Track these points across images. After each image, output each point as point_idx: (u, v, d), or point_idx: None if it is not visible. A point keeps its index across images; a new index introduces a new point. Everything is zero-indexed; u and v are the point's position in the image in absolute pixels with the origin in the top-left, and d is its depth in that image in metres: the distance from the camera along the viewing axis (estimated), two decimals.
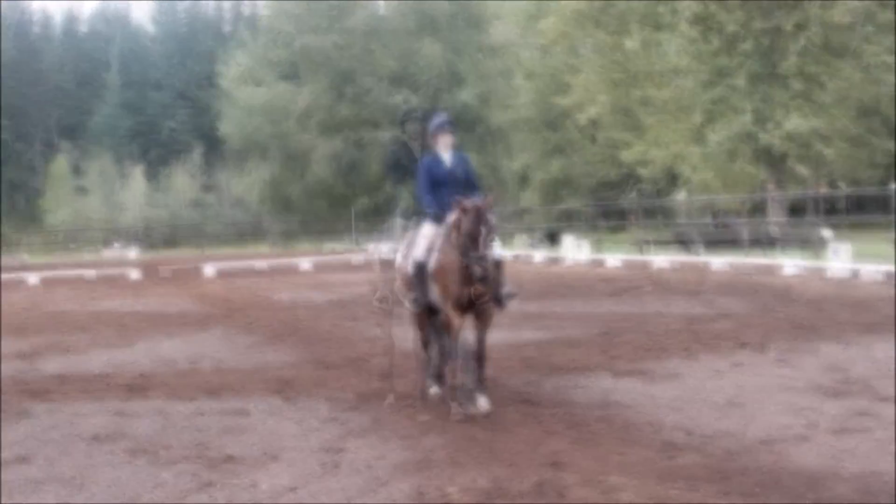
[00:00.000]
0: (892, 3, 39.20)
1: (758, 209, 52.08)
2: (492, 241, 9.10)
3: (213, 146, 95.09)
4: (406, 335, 15.58)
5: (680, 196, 49.73)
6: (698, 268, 27.22)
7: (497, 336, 9.68)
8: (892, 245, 29.80)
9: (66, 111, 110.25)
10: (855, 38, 39.06)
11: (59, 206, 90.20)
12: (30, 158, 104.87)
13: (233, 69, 72.18)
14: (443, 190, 9.91)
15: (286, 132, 67.72)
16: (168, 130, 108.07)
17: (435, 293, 9.66)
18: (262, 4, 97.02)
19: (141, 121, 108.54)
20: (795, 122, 37.79)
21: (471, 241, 8.93)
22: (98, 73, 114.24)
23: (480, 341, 9.54)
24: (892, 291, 18.57)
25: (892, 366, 10.91)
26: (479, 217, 8.97)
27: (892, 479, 6.74)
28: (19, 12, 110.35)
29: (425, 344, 10.46)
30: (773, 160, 41.74)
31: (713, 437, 8.16)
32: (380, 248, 49.93)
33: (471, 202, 9.09)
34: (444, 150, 10.10)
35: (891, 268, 21.82)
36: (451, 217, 9.46)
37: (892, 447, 7.56)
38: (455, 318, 9.40)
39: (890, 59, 38.93)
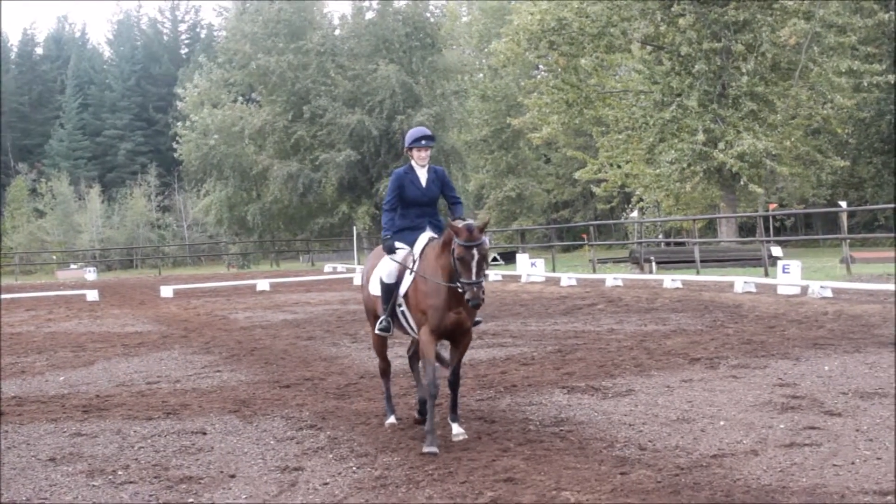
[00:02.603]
0: (837, 26, 39.83)
1: (709, 228, 52.59)
2: (485, 265, 8.58)
3: (170, 168, 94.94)
4: (362, 354, 15.65)
5: (633, 215, 50.04)
6: (651, 286, 27.41)
7: None
8: (839, 262, 30.28)
9: (22, 134, 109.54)
10: (802, 58, 39.57)
11: (16, 229, 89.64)
12: None
13: (189, 91, 71.95)
14: (415, 210, 9.56)
15: (242, 153, 67.53)
16: (124, 152, 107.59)
17: (409, 317, 9.26)
18: (219, 26, 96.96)
19: (97, 143, 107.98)
20: (747, 143, 38.18)
21: (463, 266, 8.45)
22: (54, 95, 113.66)
23: (455, 368, 9.22)
24: (840, 308, 18.83)
25: (840, 381, 11.11)
26: (470, 240, 8.46)
27: (840, 492, 6.85)
28: None
29: (384, 372, 10.21)
30: (724, 180, 42.14)
31: (665, 452, 8.26)
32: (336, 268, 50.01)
33: (463, 224, 8.57)
34: (420, 165, 9.57)
35: (839, 284, 22.13)
36: (434, 237, 9.22)
37: (840, 461, 7.69)
38: (430, 345, 8.93)
39: (838, 79, 39.52)
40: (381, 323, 9.53)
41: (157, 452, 9.08)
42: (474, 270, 8.43)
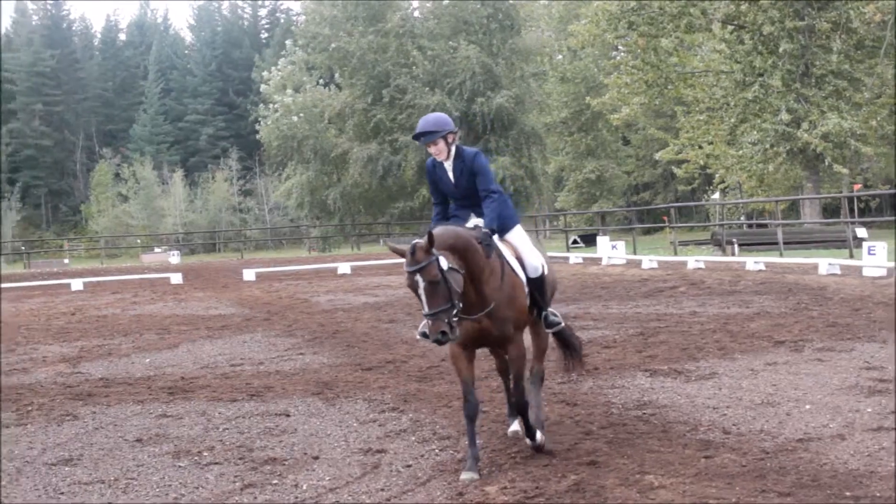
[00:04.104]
0: None
1: (792, 209, 51.89)
2: (442, 289, 6.88)
3: (251, 152, 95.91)
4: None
5: (715, 196, 49.54)
6: (733, 268, 27.13)
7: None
8: None
9: (106, 119, 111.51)
10: (888, 35, 38.79)
11: (101, 213, 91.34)
12: (72, 166, 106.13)
13: (270, 74, 72.50)
14: (458, 202, 8.18)
15: (323, 136, 67.89)
16: (206, 137, 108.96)
17: None
18: (299, 8, 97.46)
19: (180, 128, 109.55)
20: (832, 122, 37.54)
21: (414, 295, 7.08)
22: (137, 81, 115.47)
23: (513, 386, 7.97)
24: None
25: None
26: (411, 264, 6.90)
27: None
28: (59, 23, 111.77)
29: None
30: (808, 160, 41.53)
31: (750, 435, 8.16)
32: None
33: (409, 245, 6.92)
34: (442, 160, 7.99)
35: None
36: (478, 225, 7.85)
37: None
38: (457, 357, 7.67)
39: None
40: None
41: (241, 434, 9.18)
42: (425, 300, 6.89)
